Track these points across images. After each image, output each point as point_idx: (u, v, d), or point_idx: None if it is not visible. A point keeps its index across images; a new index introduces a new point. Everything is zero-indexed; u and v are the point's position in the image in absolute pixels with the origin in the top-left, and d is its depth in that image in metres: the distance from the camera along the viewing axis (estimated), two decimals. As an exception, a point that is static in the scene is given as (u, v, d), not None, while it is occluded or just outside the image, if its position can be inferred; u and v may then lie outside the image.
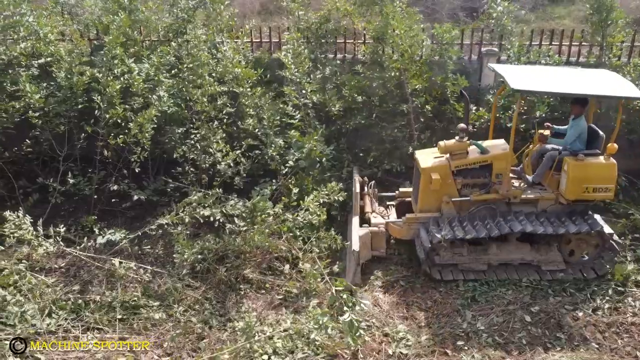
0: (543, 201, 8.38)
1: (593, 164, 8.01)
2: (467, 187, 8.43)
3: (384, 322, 7.32)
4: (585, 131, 8.23)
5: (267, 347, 6.61)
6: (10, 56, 9.60)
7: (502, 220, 8.12)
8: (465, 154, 8.37)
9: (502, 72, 8.10)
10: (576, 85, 7.91)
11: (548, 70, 8.77)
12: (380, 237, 8.45)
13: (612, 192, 8.08)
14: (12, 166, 9.96)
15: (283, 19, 15.90)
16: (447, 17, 15.40)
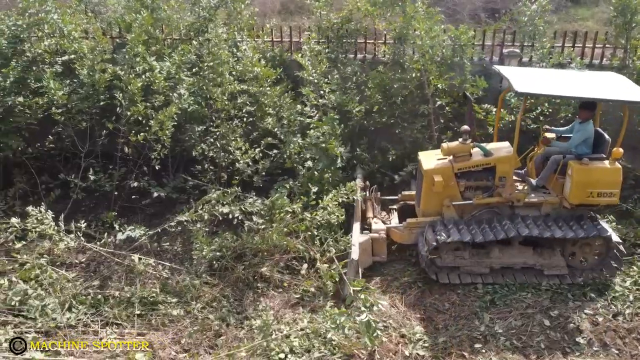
0: (547, 205, 8.27)
1: (598, 168, 7.89)
2: (470, 189, 8.36)
3: (401, 323, 7.30)
4: (592, 136, 8.08)
5: (284, 345, 6.63)
6: (34, 53, 9.73)
7: (508, 223, 8.02)
8: (468, 156, 8.28)
9: (506, 74, 7.98)
10: (581, 89, 7.79)
11: (554, 73, 8.63)
12: (381, 243, 8.36)
13: (617, 197, 7.90)
14: (34, 162, 10.11)
15: (303, 19, 15.95)
16: (469, 18, 15.33)
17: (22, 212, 9.37)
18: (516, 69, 8.72)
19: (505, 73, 8.08)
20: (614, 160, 7.91)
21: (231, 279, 7.99)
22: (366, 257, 8.22)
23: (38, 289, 7.54)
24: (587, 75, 8.44)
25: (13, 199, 9.71)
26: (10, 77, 9.32)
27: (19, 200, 9.71)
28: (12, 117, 9.54)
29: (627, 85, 7.90)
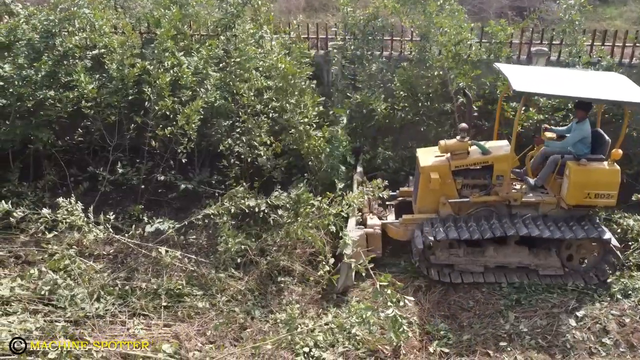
0: (544, 205, 8.21)
1: (596, 169, 7.80)
2: (467, 187, 8.32)
3: (425, 320, 7.31)
4: (589, 135, 8.00)
5: (308, 339, 6.68)
6: (65, 48, 9.88)
7: (507, 222, 7.98)
8: (465, 153, 8.24)
9: (506, 72, 7.90)
10: (580, 89, 7.68)
11: (555, 72, 8.50)
12: (375, 238, 8.33)
13: (615, 199, 7.82)
14: (64, 155, 10.26)
15: (328, 16, 15.98)
16: (494, 16, 15.22)
17: (52, 204, 9.56)
18: (517, 67, 8.60)
19: (504, 71, 7.99)
20: (613, 162, 7.82)
21: (256, 272, 8.05)
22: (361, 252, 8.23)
23: (67, 279, 7.68)
24: (589, 75, 8.33)
25: (42, 190, 9.87)
26: (41, 71, 9.49)
27: (48, 192, 9.88)
28: (43, 110, 9.71)
29: (627, 86, 7.78)
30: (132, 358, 6.46)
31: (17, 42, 9.77)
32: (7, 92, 9.53)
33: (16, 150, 9.99)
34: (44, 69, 9.52)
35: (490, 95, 9.90)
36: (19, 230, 9.03)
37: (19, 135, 9.72)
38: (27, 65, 9.53)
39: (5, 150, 9.84)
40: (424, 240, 7.86)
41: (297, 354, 6.52)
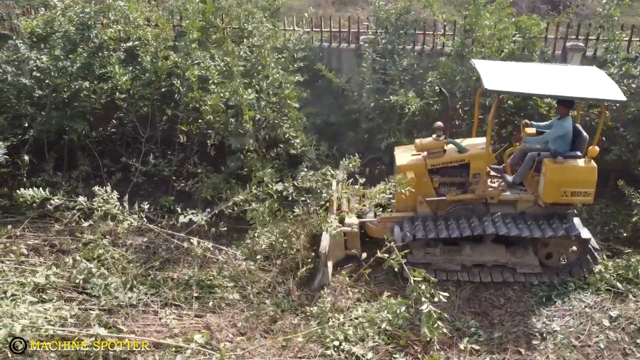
0: (522, 203, 8.09)
1: (572, 167, 7.66)
2: (445, 185, 8.24)
3: (456, 317, 7.27)
4: (569, 132, 7.85)
5: (339, 333, 6.68)
6: (100, 40, 10.01)
7: (484, 220, 7.88)
8: (442, 152, 8.16)
9: (480, 69, 7.71)
10: (555, 87, 7.52)
11: (532, 68, 8.29)
12: (354, 236, 8.31)
13: (592, 197, 7.69)
14: (97, 145, 10.43)
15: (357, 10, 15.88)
16: (527, 10, 14.98)
17: (85, 194, 9.72)
18: (494, 63, 8.37)
19: (479, 68, 7.79)
20: (590, 159, 7.67)
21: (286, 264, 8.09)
22: (339, 251, 8.24)
23: (101, 269, 7.81)
24: (567, 70, 8.12)
25: (76, 180, 10.05)
26: (77, 62, 9.64)
27: (81, 183, 10.05)
28: (78, 101, 9.88)
29: (605, 83, 7.57)
30: (165, 347, 6.54)
31: (53, 34, 9.95)
32: (44, 83, 9.72)
33: (51, 141, 10.18)
34: (79, 60, 9.67)
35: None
36: (54, 219, 9.22)
37: (54, 126, 9.90)
38: (63, 56, 9.70)
39: (41, 140, 10.03)
40: (402, 238, 7.83)
41: (327, 348, 6.54)
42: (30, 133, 9.83)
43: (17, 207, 9.52)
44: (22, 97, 9.96)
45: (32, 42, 10.03)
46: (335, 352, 6.51)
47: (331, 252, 7.93)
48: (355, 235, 8.34)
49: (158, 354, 6.49)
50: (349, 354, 6.50)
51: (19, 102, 9.95)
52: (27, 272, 7.87)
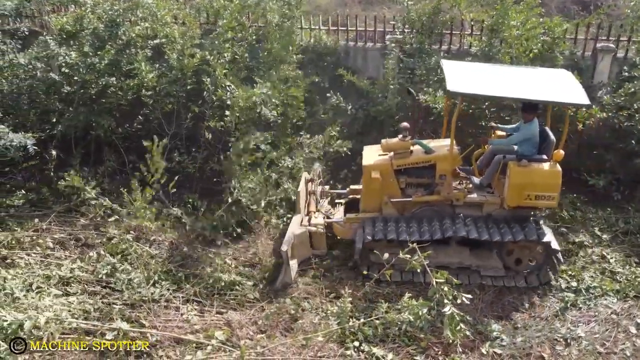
0: (487, 205, 7.99)
1: (536, 170, 7.57)
2: (412, 186, 8.17)
3: (478, 320, 7.18)
4: (536, 135, 7.76)
5: (359, 333, 6.65)
6: (128, 37, 10.11)
7: (447, 223, 7.80)
8: (408, 153, 8.10)
9: (445, 70, 7.66)
10: (519, 90, 7.47)
11: (500, 70, 8.23)
12: (319, 236, 8.28)
13: (556, 200, 7.62)
14: (123, 142, 10.51)
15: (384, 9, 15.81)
16: (557, 11, 14.77)
17: (110, 189, 9.87)
18: (461, 65, 8.35)
19: (445, 70, 7.72)
20: (555, 163, 7.55)
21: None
22: (304, 250, 8.20)
23: (125, 264, 7.90)
24: (535, 73, 8.06)
25: (102, 176, 10.15)
26: (105, 59, 9.75)
27: (107, 178, 10.15)
28: (105, 97, 9.98)
29: (571, 86, 7.50)
30: (186, 343, 6.58)
31: (82, 31, 10.08)
32: (72, 79, 9.86)
33: (78, 136, 10.30)
34: (107, 57, 9.78)
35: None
36: (80, 213, 9.33)
37: (82, 122, 10.02)
38: (91, 53, 9.83)
39: (69, 135, 10.15)
40: (363, 239, 7.80)
41: (347, 348, 6.52)
42: (58, 128, 9.97)
43: (44, 201, 9.70)
44: (50, 93, 10.10)
45: (61, 39, 10.17)
46: (355, 352, 6.49)
47: (296, 250, 7.96)
48: (321, 235, 8.31)
49: (179, 349, 6.54)
50: (369, 354, 6.47)
51: (47, 98, 10.10)
52: (53, 265, 7.99)
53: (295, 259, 8.05)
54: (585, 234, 8.70)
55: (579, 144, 9.78)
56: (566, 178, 9.52)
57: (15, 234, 8.55)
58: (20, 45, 10.03)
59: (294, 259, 7.98)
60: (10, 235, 8.51)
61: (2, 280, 7.39)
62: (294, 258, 8.01)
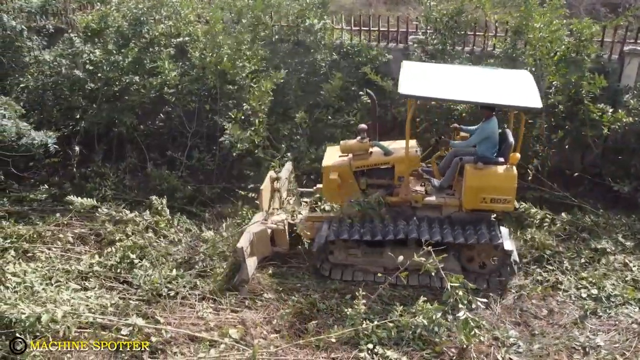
0: (446, 207, 7.88)
1: (491, 173, 7.45)
2: (373, 187, 8.11)
3: (495, 325, 7.07)
4: (494, 134, 7.65)
5: (373, 336, 6.60)
6: (152, 35, 10.20)
7: (393, 225, 7.74)
8: (367, 154, 8.06)
9: (402, 72, 7.62)
10: (471, 92, 7.38)
11: (460, 72, 8.15)
12: (281, 234, 8.24)
13: (512, 204, 7.50)
14: (145, 139, 10.62)
15: (409, 9, 15.69)
16: (585, 13, 14.50)
17: (131, 185, 9.99)
18: (421, 66, 8.35)
19: (402, 71, 7.66)
20: (512, 166, 7.44)
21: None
22: (263, 247, 8.16)
23: (143, 260, 7.97)
24: (495, 74, 7.97)
25: (124, 172, 10.27)
26: (128, 57, 9.86)
27: (128, 175, 10.26)
28: (128, 95, 10.10)
29: (526, 89, 7.36)
30: (200, 340, 6.61)
31: (107, 29, 10.20)
32: (96, 76, 9.99)
33: (101, 133, 10.46)
34: (130, 55, 9.90)
35: (575, 95, 9.42)
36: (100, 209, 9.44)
37: (105, 118, 10.17)
38: (115, 51, 9.95)
39: (91, 132, 10.31)
40: (319, 239, 7.81)
41: (360, 350, 6.47)
42: (82, 124, 10.16)
43: (66, 196, 9.81)
44: (75, 90, 10.27)
45: (86, 37, 10.33)
46: (369, 354, 6.43)
47: (255, 248, 7.96)
48: (283, 233, 8.27)
49: (193, 346, 6.57)
50: (382, 357, 6.40)
51: (72, 95, 10.27)
52: (72, 259, 8.10)
53: (255, 257, 8.02)
54: (608, 240, 8.50)
55: (603, 148, 9.61)
56: (589, 183, 9.48)
57: (37, 228, 8.71)
58: (45, 43, 10.19)
59: (253, 257, 7.96)
60: (33, 229, 8.66)
61: (22, 274, 7.52)
62: (253, 255, 7.98)
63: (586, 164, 9.60)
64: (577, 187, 9.10)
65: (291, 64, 10.20)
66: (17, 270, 7.56)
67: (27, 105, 9.76)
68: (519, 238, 8.57)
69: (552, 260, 8.12)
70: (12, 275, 7.40)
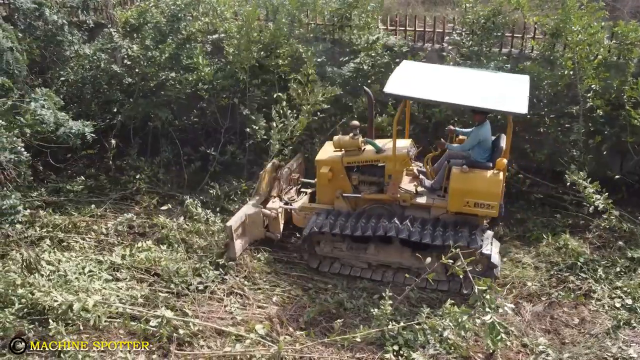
0: (435, 209, 7.93)
1: (476, 177, 7.46)
2: (365, 184, 8.22)
3: (524, 332, 6.95)
4: (487, 139, 7.69)
5: (399, 338, 6.56)
6: (189, 32, 10.31)
7: (375, 222, 7.77)
8: (358, 151, 8.16)
9: (396, 70, 7.80)
10: (459, 95, 7.36)
11: (455, 74, 8.12)
12: (275, 221, 8.48)
13: (496, 210, 7.42)
14: (180, 134, 10.74)
15: (447, 10, 15.52)
16: (629, 16, 14.14)
17: (165, 180, 10.12)
18: (420, 66, 8.45)
19: (397, 70, 7.83)
20: (498, 172, 7.41)
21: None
22: (256, 230, 8.46)
23: (173, 253, 8.08)
24: (490, 78, 7.95)
25: (158, 166, 10.41)
26: (165, 53, 9.98)
27: (162, 169, 10.40)
28: (164, 90, 10.21)
29: (517, 93, 7.29)
30: (227, 334, 6.67)
31: (146, 24, 10.33)
32: (134, 71, 10.16)
33: (137, 127, 10.61)
34: (167, 51, 10.00)
35: (615, 99, 9.18)
36: (134, 202, 9.61)
37: (141, 113, 10.32)
38: (152, 46, 10.07)
39: (128, 126, 10.47)
40: (307, 230, 8.00)
41: (386, 351, 6.44)
42: (119, 118, 10.33)
43: (101, 188, 10.04)
44: (113, 84, 10.45)
45: (125, 32, 10.48)
46: (394, 356, 6.41)
47: (248, 230, 8.31)
48: (275, 220, 8.50)
49: (219, 340, 6.63)
50: (408, 359, 6.37)
51: (110, 88, 10.45)
52: (105, 250, 8.26)
53: (246, 238, 8.34)
54: (645, 249, 8.28)
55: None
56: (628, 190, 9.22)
57: (73, 219, 8.89)
58: (86, 37, 10.37)
59: (244, 237, 8.28)
60: (68, 219, 8.85)
61: (57, 262, 7.71)
62: (245, 236, 8.31)
63: (625, 171, 9.34)
64: (616, 194, 8.85)
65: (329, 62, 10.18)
66: (52, 259, 7.76)
67: (66, 98, 9.93)
68: (551, 244, 8.41)
69: (586, 268, 7.91)
70: (47, 264, 7.58)
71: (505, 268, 8.10)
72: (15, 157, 7.44)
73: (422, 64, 8.78)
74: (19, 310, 6.71)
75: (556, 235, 8.55)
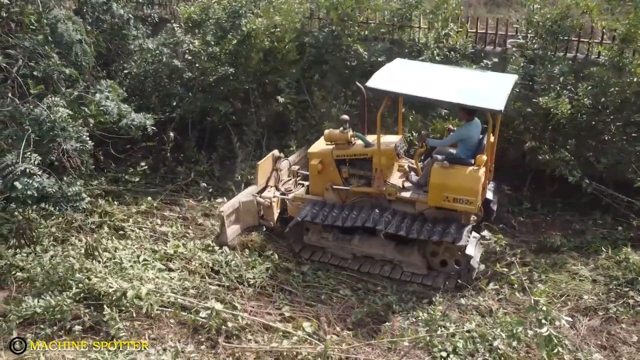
0: (419, 204, 7.96)
1: (455, 172, 7.48)
2: (355, 177, 8.35)
3: (578, 347, 6.71)
4: (472, 137, 7.69)
5: (448, 344, 6.45)
6: (249, 28, 10.42)
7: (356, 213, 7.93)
8: (347, 144, 8.29)
9: (385, 67, 7.95)
10: (435, 91, 7.44)
11: (440, 72, 8.16)
12: (269, 209, 8.70)
13: (475, 205, 7.43)
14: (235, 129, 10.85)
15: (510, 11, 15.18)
16: None
17: (221, 174, 10.27)
18: (411, 64, 8.47)
19: (386, 66, 8.00)
20: (478, 168, 7.41)
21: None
22: (249, 218, 8.75)
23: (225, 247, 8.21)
24: (477, 77, 8.02)
25: (215, 161, 10.58)
26: (225, 49, 10.11)
27: (218, 164, 10.56)
28: (223, 85, 10.36)
29: (498, 91, 7.31)
30: (274, 330, 6.71)
31: (207, 20, 10.51)
32: (194, 66, 10.34)
33: (195, 121, 10.81)
34: (228, 47, 10.14)
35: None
36: (189, 195, 9.80)
37: (199, 107, 10.50)
38: (213, 42, 10.23)
39: (186, 119, 10.68)
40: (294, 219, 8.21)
41: (434, 357, 6.34)
42: (178, 112, 10.55)
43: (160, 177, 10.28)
44: (173, 78, 10.68)
45: (187, 27, 10.69)
46: (441, 363, 6.31)
47: (242, 216, 8.60)
48: (269, 208, 8.71)
49: (267, 335, 6.68)
50: (455, 367, 6.26)
51: (170, 82, 10.68)
52: (160, 240, 8.44)
53: (239, 224, 8.63)
54: None
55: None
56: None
57: (131, 208, 9.13)
58: (150, 32, 10.64)
59: (237, 224, 8.59)
60: (126, 208, 9.10)
61: (113, 250, 7.92)
62: (238, 223, 8.61)
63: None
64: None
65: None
66: (108, 246, 7.99)
67: (128, 90, 10.20)
68: (610, 258, 8.11)
69: (647, 283, 7.59)
70: (103, 251, 7.81)
71: (562, 280, 7.83)
72: (81, 145, 7.72)
73: (416, 62, 8.88)
74: (76, 294, 6.93)
75: (617, 249, 8.22)
